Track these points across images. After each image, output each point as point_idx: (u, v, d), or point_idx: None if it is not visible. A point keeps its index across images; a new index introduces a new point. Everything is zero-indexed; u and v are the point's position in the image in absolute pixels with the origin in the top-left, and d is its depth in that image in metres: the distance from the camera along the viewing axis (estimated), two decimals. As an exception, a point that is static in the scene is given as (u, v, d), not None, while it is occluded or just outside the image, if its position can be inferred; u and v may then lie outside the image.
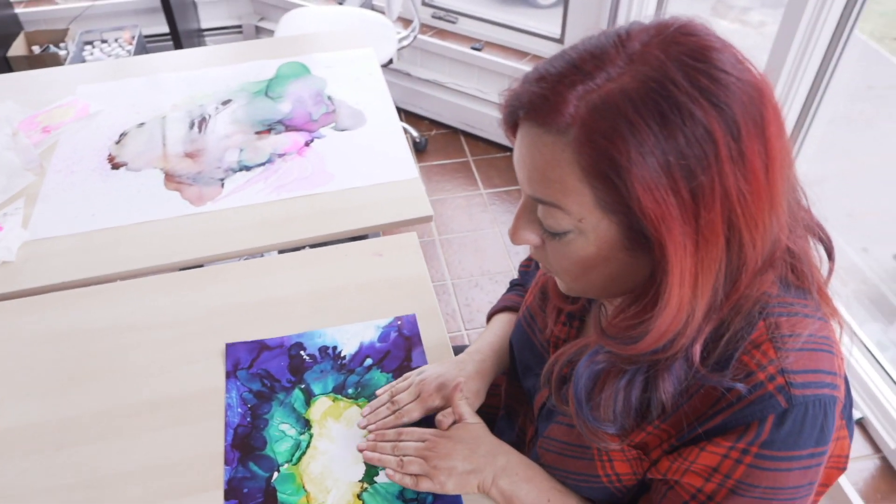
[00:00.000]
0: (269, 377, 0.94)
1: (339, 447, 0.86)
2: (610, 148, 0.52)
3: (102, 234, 1.17)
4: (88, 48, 2.75)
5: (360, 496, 0.81)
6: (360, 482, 0.82)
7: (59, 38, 2.80)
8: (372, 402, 0.89)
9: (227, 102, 1.47)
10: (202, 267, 1.14)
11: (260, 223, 1.18)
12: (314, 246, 1.17)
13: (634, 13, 2.17)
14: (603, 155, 0.52)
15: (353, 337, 0.99)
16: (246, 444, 0.86)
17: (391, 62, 2.37)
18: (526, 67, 2.37)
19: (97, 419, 0.89)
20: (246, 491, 0.81)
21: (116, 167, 1.31)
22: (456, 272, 2.21)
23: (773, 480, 0.59)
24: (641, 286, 0.60)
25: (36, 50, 2.78)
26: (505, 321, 0.97)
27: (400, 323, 1.00)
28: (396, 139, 1.36)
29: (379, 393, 0.90)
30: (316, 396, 0.92)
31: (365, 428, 0.86)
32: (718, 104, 0.51)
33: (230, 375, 0.94)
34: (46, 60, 2.69)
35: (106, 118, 1.44)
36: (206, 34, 3.17)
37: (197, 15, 3.09)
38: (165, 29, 2.76)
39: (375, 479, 0.82)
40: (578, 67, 0.54)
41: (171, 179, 1.28)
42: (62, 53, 2.73)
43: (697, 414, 0.61)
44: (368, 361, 0.96)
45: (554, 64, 0.56)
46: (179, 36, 2.76)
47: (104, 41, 2.79)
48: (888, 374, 1.67)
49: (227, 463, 0.84)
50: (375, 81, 1.53)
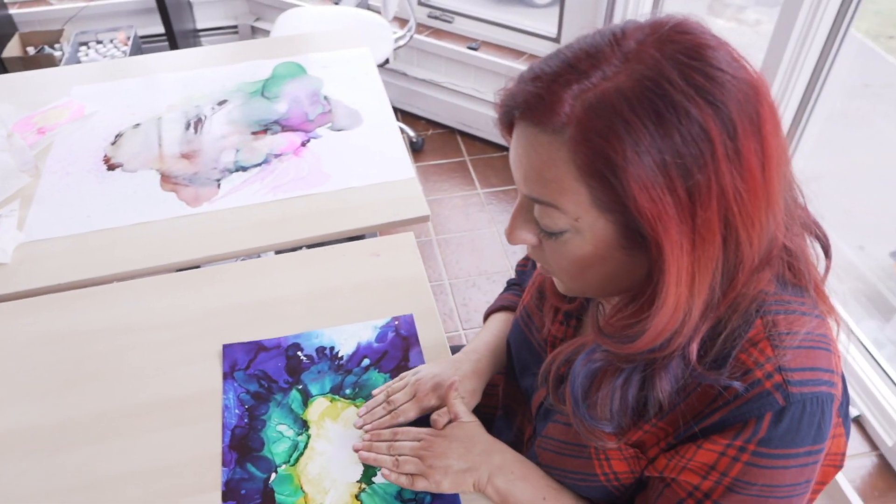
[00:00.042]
0: (266, 378, 0.94)
1: (336, 448, 0.85)
2: (606, 147, 0.52)
3: (98, 235, 1.16)
4: (83, 49, 2.75)
5: (358, 497, 0.81)
6: (357, 483, 0.82)
7: (54, 38, 2.79)
8: (368, 402, 0.89)
9: (223, 103, 1.47)
10: (199, 268, 1.13)
11: (256, 224, 1.17)
12: (311, 246, 1.17)
13: (630, 12, 2.17)
14: (599, 154, 0.52)
15: (350, 337, 0.98)
16: (243, 445, 0.86)
17: (387, 62, 2.37)
18: (522, 67, 2.36)
19: (94, 421, 0.89)
20: (244, 492, 0.81)
21: (112, 168, 1.31)
22: (453, 272, 2.21)
23: (770, 478, 0.59)
24: (638, 285, 0.60)
25: (31, 51, 2.77)
26: (502, 320, 0.97)
27: (397, 323, 1.00)
28: (393, 139, 1.36)
29: (375, 393, 0.90)
30: (313, 397, 0.91)
31: (361, 428, 0.86)
32: (714, 102, 0.51)
33: (227, 376, 0.94)
34: (41, 61, 2.69)
35: (101, 119, 1.43)
36: (201, 34, 3.17)
37: (192, 15, 3.09)
38: (161, 29, 2.75)
39: (373, 479, 0.82)
40: (574, 66, 0.54)
41: (167, 180, 1.27)
42: (57, 54, 2.73)
43: (694, 412, 0.61)
44: (366, 362, 0.95)
45: (549, 63, 0.56)
46: (175, 36, 2.76)
47: (99, 42, 2.79)
48: (885, 371, 1.68)
49: (224, 464, 0.84)
50: (372, 81, 1.53)
